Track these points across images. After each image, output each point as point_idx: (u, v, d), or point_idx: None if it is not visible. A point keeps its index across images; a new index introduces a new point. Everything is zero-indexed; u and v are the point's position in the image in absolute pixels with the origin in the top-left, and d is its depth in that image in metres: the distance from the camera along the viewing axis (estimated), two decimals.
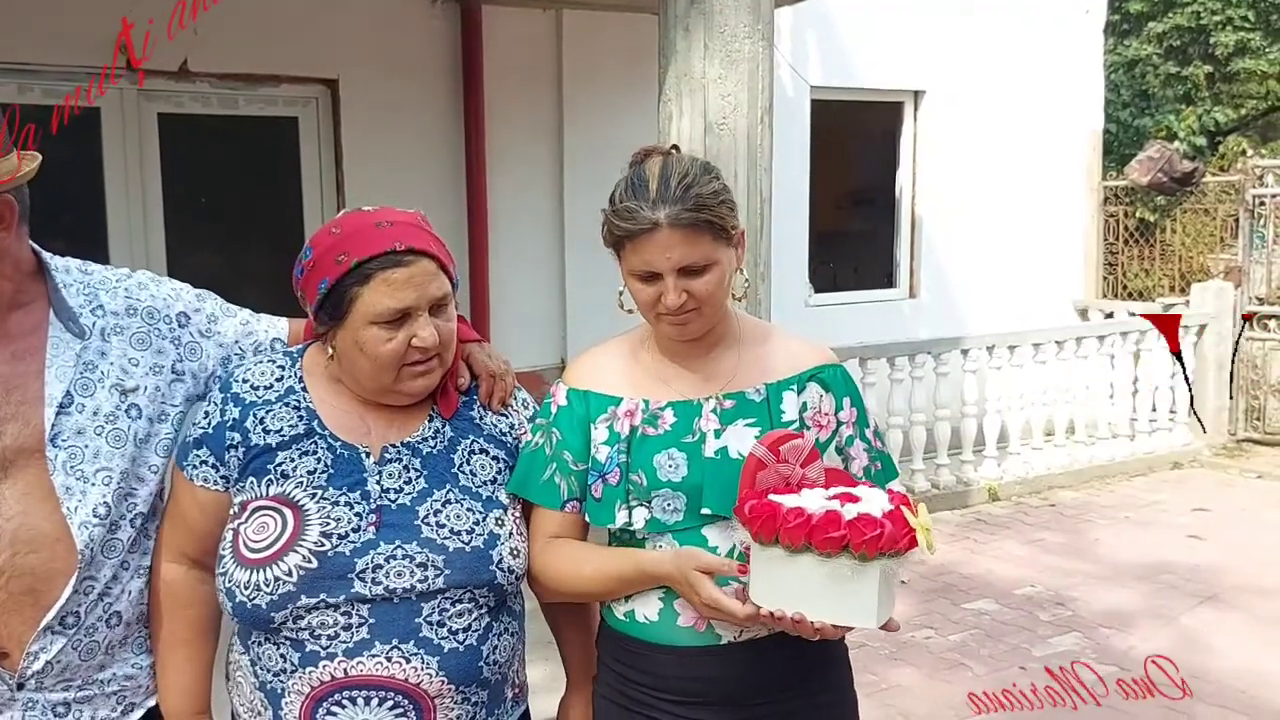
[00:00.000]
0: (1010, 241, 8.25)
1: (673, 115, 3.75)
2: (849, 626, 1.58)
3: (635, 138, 7.17)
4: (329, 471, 1.67)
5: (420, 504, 1.67)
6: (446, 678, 1.64)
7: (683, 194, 1.67)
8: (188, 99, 5.55)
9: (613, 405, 1.79)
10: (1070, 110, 8.58)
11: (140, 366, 1.74)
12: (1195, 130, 14.97)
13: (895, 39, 7.62)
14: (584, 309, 6.47)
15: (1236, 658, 4.44)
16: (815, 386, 1.82)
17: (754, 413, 1.77)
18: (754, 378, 1.80)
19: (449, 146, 6.09)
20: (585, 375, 1.85)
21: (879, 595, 1.53)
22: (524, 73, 6.26)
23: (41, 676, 1.65)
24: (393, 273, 1.62)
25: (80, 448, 1.65)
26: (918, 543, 1.52)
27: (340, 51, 5.76)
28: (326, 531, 1.62)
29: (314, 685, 1.62)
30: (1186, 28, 15.52)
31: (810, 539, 1.51)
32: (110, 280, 1.79)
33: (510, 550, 1.71)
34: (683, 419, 1.77)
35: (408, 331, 1.64)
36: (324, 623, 1.61)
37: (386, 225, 1.66)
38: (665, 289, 1.69)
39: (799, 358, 1.84)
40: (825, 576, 1.52)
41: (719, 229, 1.70)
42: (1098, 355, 7.41)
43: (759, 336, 1.87)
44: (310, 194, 5.94)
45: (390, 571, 1.62)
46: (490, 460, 1.76)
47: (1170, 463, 7.70)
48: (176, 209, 5.58)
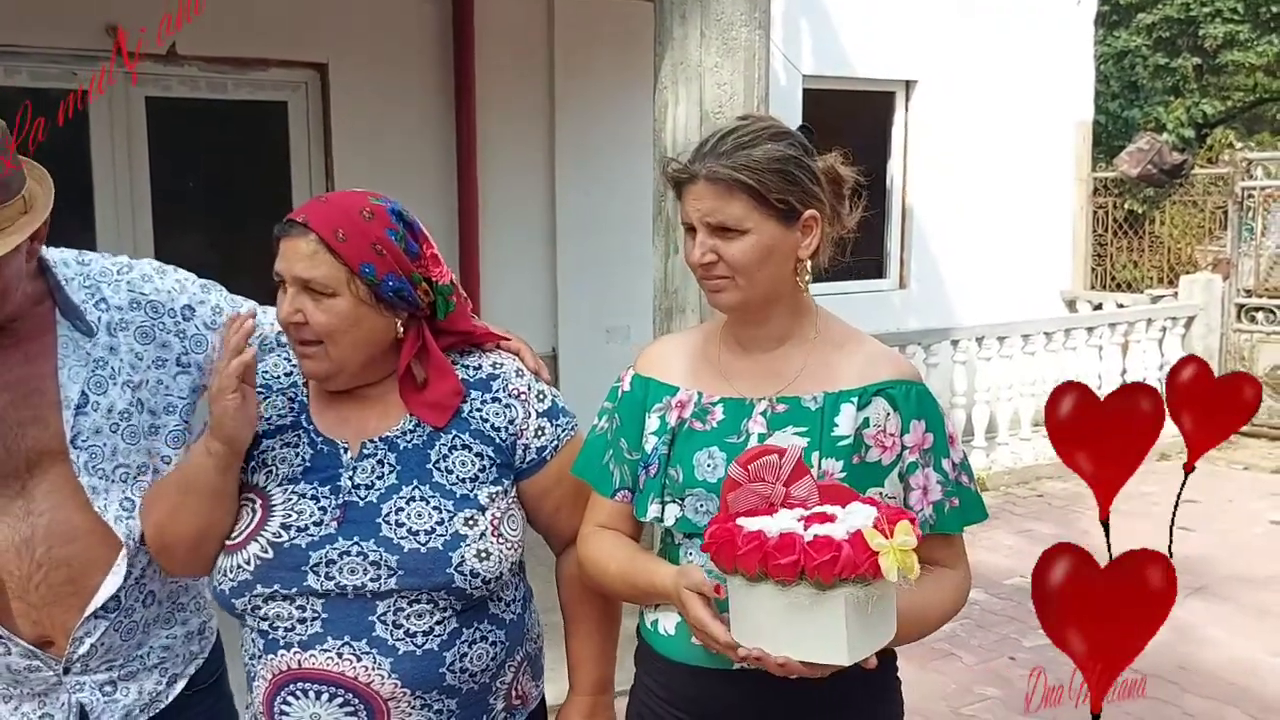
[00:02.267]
0: (1000, 232, 8.26)
1: (668, 103, 3.73)
2: (820, 664, 1.39)
3: (628, 125, 7.16)
4: (306, 465, 1.66)
5: (386, 501, 1.62)
6: (400, 681, 1.58)
7: (730, 151, 1.59)
8: (176, 83, 5.50)
9: (669, 395, 1.71)
10: (1060, 101, 8.59)
11: (144, 360, 1.75)
12: (1184, 122, 15.02)
13: (887, 28, 7.61)
14: (575, 297, 6.46)
15: (1225, 648, 4.46)
16: (882, 402, 1.64)
17: (806, 421, 1.63)
18: (817, 384, 1.66)
19: (439, 133, 6.06)
20: (651, 362, 1.77)
21: (848, 627, 1.35)
22: (516, 59, 6.22)
23: (87, 659, 1.69)
24: (282, 240, 1.61)
25: (99, 446, 1.67)
26: (880, 568, 1.34)
27: (330, 36, 5.72)
28: (286, 524, 1.61)
29: (275, 673, 1.61)
30: (1176, 19, 15.57)
31: (764, 565, 1.37)
32: (111, 272, 1.78)
33: (477, 553, 1.61)
34: (731, 417, 1.67)
35: (282, 301, 1.62)
36: (279, 614, 1.60)
37: (320, 199, 1.65)
38: (693, 243, 1.62)
39: (871, 368, 1.67)
40: (785, 608, 1.37)
41: (759, 196, 1.58)
42: (1086, 346, 7.44)
43: (838, 340, 1.71)
44: (299, 179, 5.90)
45: (344, 568, 1.58)
46: (473, 457, 1.67)
47: (1158, 454, 7.72)
48: (164, 193, 5.54)
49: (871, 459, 1.63)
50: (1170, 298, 8.32)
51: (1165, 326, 7.87)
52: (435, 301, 1.69)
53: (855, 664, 1.40)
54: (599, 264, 6.45)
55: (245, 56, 5.58)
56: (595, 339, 6.45)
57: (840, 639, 1.36)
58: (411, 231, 1.67)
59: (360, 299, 1.60)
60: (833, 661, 1.38)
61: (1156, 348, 7.86)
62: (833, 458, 1.61)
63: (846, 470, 1.61)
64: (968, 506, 1.70)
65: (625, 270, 6.26)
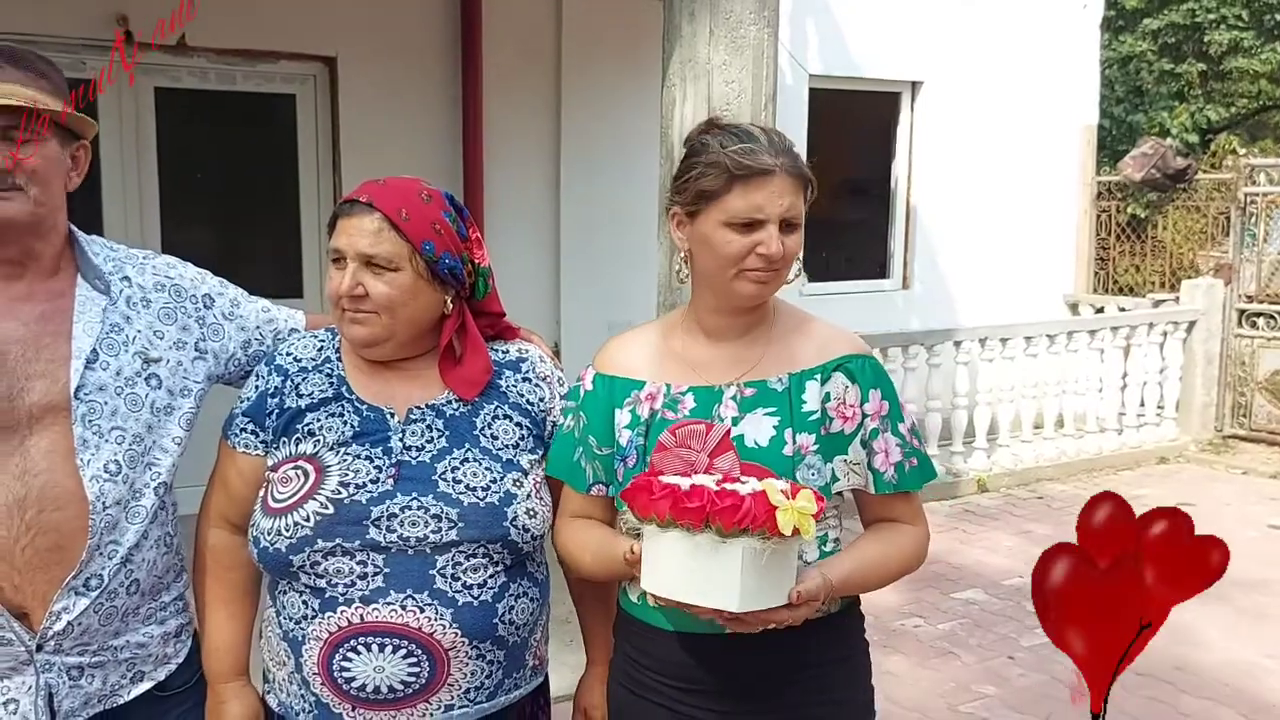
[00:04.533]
0: (1003, 234, 8.28)
1: (676, 100, 3.75)
2: (712, 609, 1.52)
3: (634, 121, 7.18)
4: (355, 430, 1.74)
5: (439, 461, 1.73)
6: (460, 630, 1.68)
7: (790, 150, 1.72)
8: (185, 73, 5.53)
9: (636, 389, 1.79)
10: (1065, 105, 8.61)
11: (165, 340, 1.80)
12: (1188, 127, 15.00)
13: (894, 29, 7.63)
14: (578, 292, 6.48)
15: (1221, 650, 4.49)
16: (841, 377, 1.77)
17: (774, 402, 1.74)
18: (780, 366, 1.77)
19: (446, 126, 6.08)
20: (611, 360, 1.85)
21: (743, 576, 1.47)
22: (523, 54, 6.25)
23: (61, 638, 1.67)
24: (341, 219, 1.74)
25: (100, 404, 1.69)
26: (778, 524, 1.46)
27: (340, 29, 5.74)
28: (344, 481, 1.69)
29: (332, 631, 1.68)
30: (1181, 25, 15.54)
31: (673, 511, 1.49)
32: (136, 257, 1.85)
33: (526, 510, 1.74)
34: (702, 404, 1.75)
35: (340, 276, 1.72)
36: (340, 569, 1.67)
37: (379, 182, 1.76)
38: (769, 236, 1.68)
39: (828, 347, 1.79)
40: (689, 553, 1.50)
41: (805, 196, 1.74)
42: (1088, 349, 7.45)
43: (793, 324, 1.83)
44: (306, 171, 5.92)
45: (405, 521, 1.67)
46: (513, 426, 1.80)
47: (1156, 457, 7.75)
48: (172, 184, 5.56)
49: (835, 429, 1.75)
50: (1172, 302, 8.34)
51: (1166, 331, 7.89)
52: (475, 283, 1.83)
53: (803, 622, 1.58)
54: (602, 259, 6.47)
55: (254, 49, 5.61)
56: (598, 334, 6.40)
57: (734, 586, 1.48)
58: (460, 215, 1.81)
59: (419, 274, 1.73)
60: (723, 606, 1.51)
61: (1158, 351, 7.88)
62: (805, 432, 1.73)
63: (819, 443, 1.73)
64: (923, 466, 1.82)
65: (628, 266, 6.29)
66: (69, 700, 1.70)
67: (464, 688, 1.71)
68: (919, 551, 1.84)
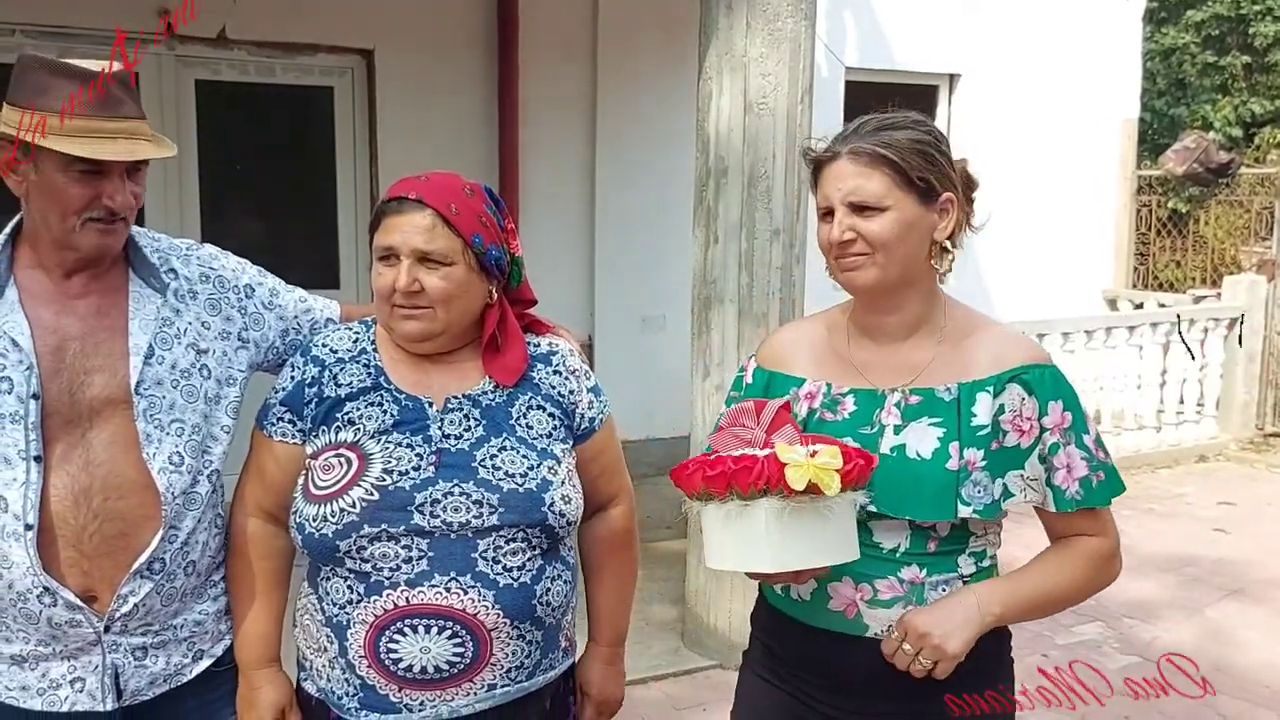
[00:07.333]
0: (1042, 229, 8.18)
1: (713, 93, 3.75)
2: (748, 571, 1.56)
3: (671, 114, 7.16)
4: (395, 419, 1.77)
5: (478, 449, 1.77)
6: (502, 611, 1.72)
7: (871, 131, 1.66)
8: (225, 66, 5.57)
9: (795, 386, 1.76)
10: (1106, 97, 8.49)
11: (211, 330, 1.85)
12: (1231, 121, 14.80)
13: (931, 21, 7.56)
14: (612, 286, 6.48)
15: (1261, 652, 4.43)
16: (1017, 388, 1.66)
17: (941, 412, 1.66)
18: (949, 374, 1.68)
19: (483, 119, 6.09)
20: (773, 354, 1.83)
21: (767, 536, 1.49)
22: (560, 46, 6.24)
23: (127, 619, 1.74)
24: (390, 217, 1.76)
25: (159, 398, 1.75)
26: (788, 481, 1.46)
27: (377, 22, 5.77)
28: (388, 469, 1.73)
29: (378, 614, 1.71)
30: (1225, 17, 15.33)
31: (704, 482, 1.52)
32: (180, 248, 1.89)
33: (562, 496, 1.78)
34: (863, 408, 1.70)
35: (394, 273, 1.74)
36: (385, 554, 1.70)
37: (420, 178, 1.79)
38: (835, 222, 1.65)
39: (1004, 356, 1.68)
40: (724, 523, 1.53)
41: (901, 172, 1.64)
42: (1126, 346, 7.37)
43: (966, 329, 1.74)
44: (344, 164, 5.96)
45: (448, 506, 1.71)
46: (547, 416, 1.84)
47: (1196, 455, 7.66)
48: (211, 175, 5.61)
49: (1010, 444, 1.66)
50: (1213, 298, 8.23)
51: (1207, 327, 7.79)
52: (511, 272, 1.87)
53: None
54: (637, 253, 6.47)
55: (293, 41, 5.64)
56: (631, 328, 6.47)
57: (760, 547, 1.51)
58: (498, 207, 1.84)
59: (470, 267, 1.77)
60: (753, 568, 1.54)
61: (1199, 349, 7.78)
62: (973, 447, 1.65)
63: (987, 458, 1.64)
64: (1111, 480, 1.71)
65: (663, 260, 6.28)
66: (134, 680, 1.78)
67: (506, 667, 1.76)
68: (1104, 569, 1.75)
